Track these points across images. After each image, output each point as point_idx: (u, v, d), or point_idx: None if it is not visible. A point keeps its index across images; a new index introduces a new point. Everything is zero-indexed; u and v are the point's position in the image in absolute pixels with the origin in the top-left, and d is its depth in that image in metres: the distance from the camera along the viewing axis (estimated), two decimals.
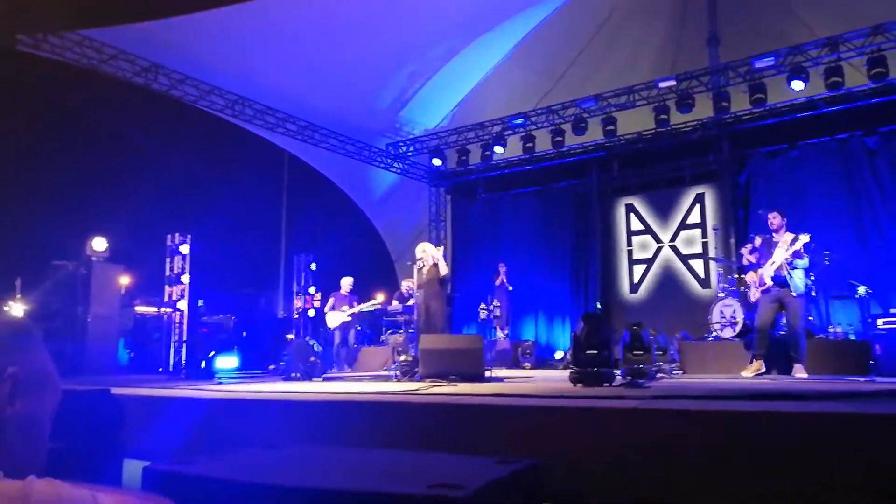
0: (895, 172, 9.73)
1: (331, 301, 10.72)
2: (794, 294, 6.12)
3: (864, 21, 9.13)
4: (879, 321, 6.70)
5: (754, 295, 6.46)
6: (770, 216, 6.56)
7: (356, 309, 10.42)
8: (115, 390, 4.17)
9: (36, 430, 1.04)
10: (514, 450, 2.87)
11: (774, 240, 6.41)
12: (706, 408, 2.84)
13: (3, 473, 0.90)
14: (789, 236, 6.30)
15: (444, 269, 6.93)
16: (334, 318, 10.47)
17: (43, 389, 1.06)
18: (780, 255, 6.20)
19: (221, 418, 4.14)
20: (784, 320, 6.62)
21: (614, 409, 2.92)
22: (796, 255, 6.21)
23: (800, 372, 5.94)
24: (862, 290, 7.85)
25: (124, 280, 14.08)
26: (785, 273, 6.14)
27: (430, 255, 6.99)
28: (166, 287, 11.37)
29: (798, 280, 6.17)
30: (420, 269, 6.97)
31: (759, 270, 6.40)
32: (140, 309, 12.94)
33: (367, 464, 2.42)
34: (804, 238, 6.20)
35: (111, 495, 0.95)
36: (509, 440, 2.96)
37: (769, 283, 6.23)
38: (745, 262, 6.95)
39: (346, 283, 10.73)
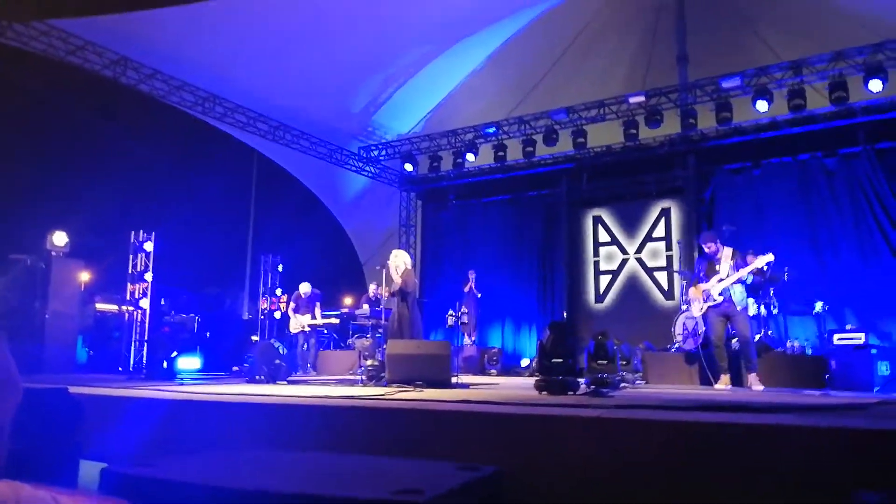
0: (852, 193, 10.06)
1: (292, 304, 10.67)
2: (738, 308, 6.34)
3: (827, 46, 9.45)
4: (835, 337, 6.92)
5: (699, 309, 6.61)
6: (706, 245, 6.74)
7: (313, 322, 10.45)
8: (73, 389, 4.07)
9: None
10: (477, 457, 2.89)
11: (717, 257, 6.58)
12: (666, 418, 2.90)
13: None
14: (729, 251, 6.50)
15: (405, 284, 6.92)
16: (295, 325, 10.45)
17: (4, 391, 1.04)
18: (727, 270, 6.38)
19: (182, 420, 4.07)
20: (734, 335, 6.80)
21: (576, 418, 2.96)
22: (755, 273, 6.43)
23: (755, 382, 6.10)
24: (819, 306, 8.09)
25: (84, 276, 13.74)
26: (729, 288, 6.33)
27: (403, 265, 7.00)
28: (128, 284, 11.12)
29: (739, 294, 6.39)
30: (391, 276, 6.98)
31: (702, 286, 6.56)
32: (101, 306, 12.63)
33: (330, 468, 2.42)
34: (768, 257, 6.39)
35: (71, 498, 0.95)
36: (472, 447, 2.98)
37: (718, 298, 6.39)
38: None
39: (305, 287, 10.70)
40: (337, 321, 11.32)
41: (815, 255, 10.08)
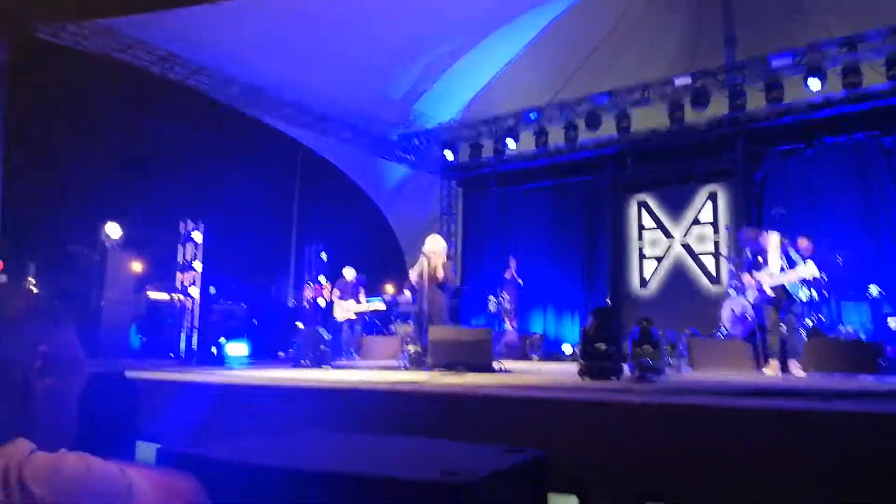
0: None
1: (336, 291, 10.77)
2: (789, 294, 6.20)
3: (883, 21, 9.04)
4: (890, 321, 6.68)
5: (753, 296, 6.51)
6: (747, 243, 6.59)
7: (359, 308, 10.49)
8: (129, 373, 4.24)
9: (65, 406, 1.09)
10: (520, 441, 2.90)
11: (764, 247, 6.43)
12: (711, 403, 2.86)
13: (36, 446, 0.95)
14: (775, 237, 6.35)
15: (440, 275, 6.95)
16: (340, 313, 10.56)
17: (71, 369, 1.11)
18: (776, 261, 6.24)
19: (233, 403, 4.20)
20: (783, 318, 6.65)
21: (620, 403, 2.95)
22: (791, 263, 6.28)
23: (796, 368, 6.00)
24: (874, 290, 7.81)
25: (137, 266, 14.21)
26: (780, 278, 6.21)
27: (440, 257, 7.04)
28: (178, 273, 11.47)
29: (793, 286, 6.25)
30: (427, 262, 7.02)
31: (756, 275, 6.43)
32: (152, 295, 13.04)
33: (379, 449, 2.47)
34: (810, 269, 6.22)
35: (138, 470, 1.00)
36: (515, 431, 2.99)
37: (770, 293, 6.29)
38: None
39: (349, 273, 10.73)
40: (383, 307, 11.36)
41: (870, 238, 9.70)
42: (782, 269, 6.24)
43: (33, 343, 1.04)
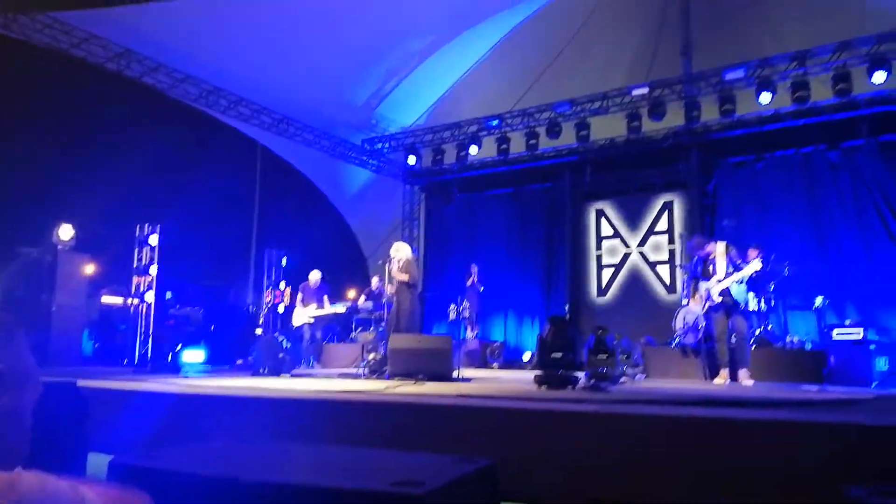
0: (855, 187, 10.03)
1: (299, 295, 10.52)
2: (737, 304, 6.40)
3: (833, 36, 9.40)
4: (834, 332, 6.94)
5: (701, 307, 6.67)
6: (696, 253, 6.83)
7: (319, 313, 10.21)
8: (80, 382, 4.14)
9: (19, 423, 1.08)
10: (475, 450, 2.95)
11: (711, 256, 6.64)
12: (661, 413, 2.95)
13: None
14: (721, 246, 6.56)
15: (405, 277, 6.94)
16: (299, 318, 10.34)
17: (25, 384, 1.10)
18: (723, 268, 6.44)
19: (188, 413, 4.14)
20: (733, 332, 6.87)
21: (574, 413, 3.02)
22: (736, 268, 6.50)
23: (745, 377, 6.18)
24: (819, 300, 8.11)
25: (90, 269, 13.83)
26: (730, 287, 6.39)
27: (405, 257, 7.03)
28: (134, 277, 11.22)
29: (739, 293, 6.46)
30: (392, 268, 7.02)
31: (703, 284, 6.62)
32: (106, 299, 12.75)
33: (332, 460, 2.48)
34: (754, 266, 6.44)
35: (92, 488, 1.01)
36: (471, 441, 3.04)
37: (718, 299, 6.46)
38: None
39: (315, 276, 10.47)
40: (343, 310, 11.15)
41: (817, 249, 10.07)
42: (727, 275, 6.44)
43: None
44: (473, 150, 12.26)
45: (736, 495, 2.53)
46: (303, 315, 10.22)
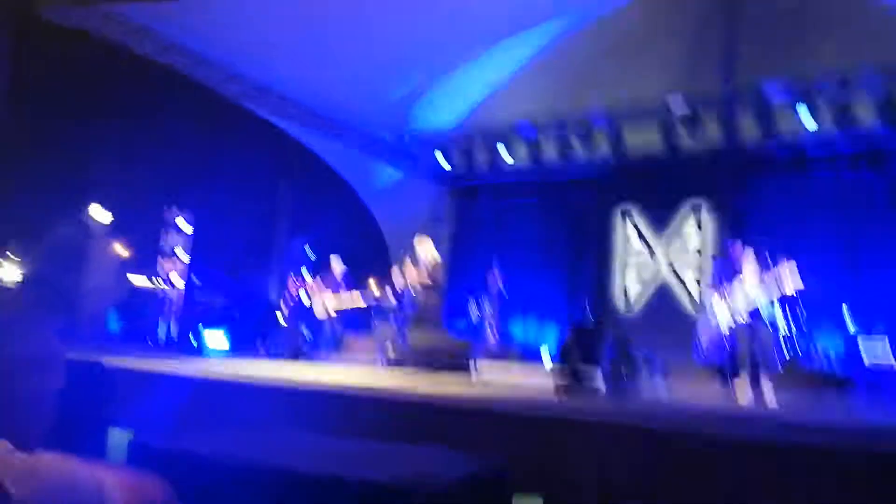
0: (890, 208, 9.82)
1: (320, 284, 10.38)
2: (762, 319, 6.25)
3: (877, 59, 9.20)
4: (864, 356, 6.79)
5: (724, 321, 6.50)
6: (733, 247, 6.69)
7: (338, 304, 9.96)
8: (107, 361, 4.22)
9: (43, 405, 1.10)
10: (487, 452, 2.94)
11: (736, 267, 6.50)
12: (678, 430, 2.91)
13: (13, 445, 0.96)
14: (750, 251, 6.42)
15: (438, 277, 6.98)
16: (320, 308, 10.10)
17: (49, 366, 1.12)
18: (750, 276, 6.29)
19: (209, 397, 4.20)
20: (756, 345, 6.71)
21: (587, 423, 2.99)
22: (776, 282, 6.33)
23: (769, 392, 6.02)
24: (849, 322, 7.94)
25: (120, 250, 14.11)
26: (755, 300, 6.24)
27: (431, 256, 7.05)
28: (161, 260, 11.41)
29: (765, 307, 6.31)
30: (418, 265, 7.04)
31: (727, 299, 6.46)
32: (134, 280, 12.97)
33: (350, 452, 2.49)
34: (791, 266, 6.27)
35: (112, 473, 1.02)
36: (486, 443, 3.03)
37: (744, 314, 6.29)
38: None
39: (337, 264, 10.20)
40: (363, 304, 10.98)
41: (849, 269, 9.87)
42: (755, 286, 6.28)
43: (12, 341, 1.05)
44: (505, 155, 12.22)
45: None
46: (324, 306, 10.14)
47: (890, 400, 5.95)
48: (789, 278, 6.23)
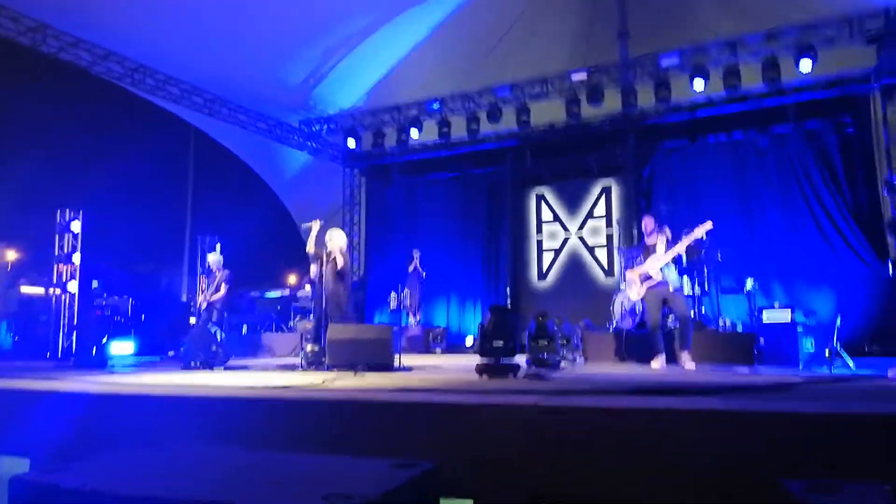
0: (781, 171, 10.40)
1: (201, 280, 9.60)
2: (671, 289, 6.49)
3: (763, 24, 9.64)
4: (764, 314, 7.18)
5: (636, 293, 6.69)
6: (644, 219, 6.93)
7: (209, 298, 8.84)
8: None
9: None
10: (416, 447, 2.86)
11: (649, 243, 6.72)
12: (600, 405, 2.93)
13: None
14: (663, 236, 6.64)
15: (340, 263, 6.78)
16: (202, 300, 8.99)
17: None
18: (662, 250, 6.51)
19: (108, 414, 3.89)
20: (670, 314, 6.98)
21: (515, 406, 2.96)
22: (691, 250, 6.58)
23: (687, 360, 6.27)
24: (749, 283, 8.37)
25: (9, 257, 13.03)
26: (664, 269, 6.47)
27: (337, 246, 6.84)
28: (56, 266, 10.61)
29: (674, 275, 6.57)
30: (326, 256, 6.82)
31: (638, 269, 6.66)
32: (26, 289, 12.00)
33: (259, 469, 2.33)
34: (706, 226, 6.51)
35: None
36: (410, 439, 2.94)
37: (658, 276, 6.48)
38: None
39: (212, 257, 9.26)
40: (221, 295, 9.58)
41: (747, 233, 10.40)
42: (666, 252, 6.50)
43: None
44: (414, 133, 12.09)
45: (676, 491, 2.52)
46: (202, 301, 8.99)
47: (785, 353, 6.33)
48: (699, 238, 6.45)
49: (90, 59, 9.76)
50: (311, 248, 7.21)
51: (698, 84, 9.91)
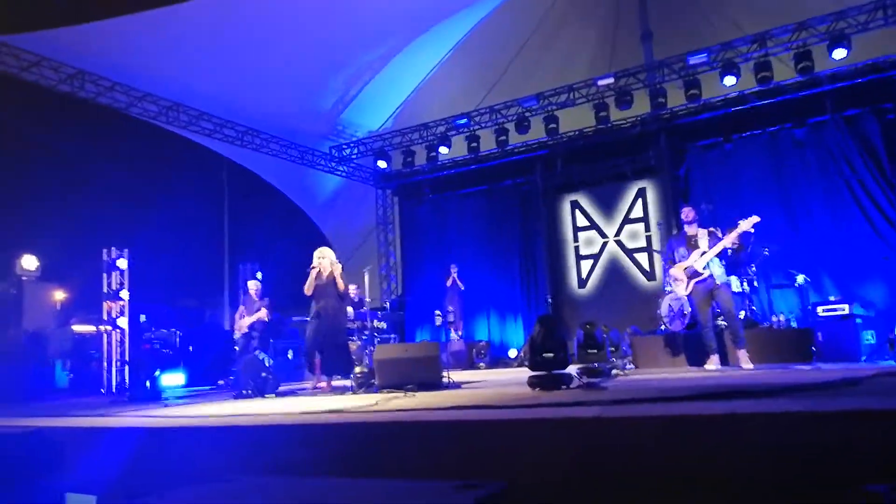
0: (821, 163, 10.12)
1: (241, 309, 9.87)
2: (718, 283, 6.33)
3: (791, 17, 9.46)
4: (819, 308, 6.96)
5: (684, 288, 6.54)
6: (684, 210, 6.80)
7: (248, 320, 9.30)
8: (49, 422, 3.92)
9: None
10: (477, 468, 2.82)
11: (690, 233, 6.58)
12: (665, 413, 2.85)
13: None
14: (704, 231, 6.50)
15: (342, 286, 6.94)
16: (237, 331, 9.47)
17: None
18: (706, 245, 6.37)
19: (168, 447, 3.95)
20: (718, 311, 6.81)
21: (576, 419, 2.90)
22: (736, 245, 6.42)
23: (744, 359, 6.07)
24: (801, 278, 8.13)
25: (59, 298, 13.41)
26: (709, 265, 6.31)
27: (330, 264, 6.96)
28: (105, 303, 10.87)
29: (720, 270, 6.39)
30: (319, 275, 6.93)
31: (683, 263, 6.51)
32: (78, 328, 12.31)
33: (321, 496, 2.33)
34: (753, 219, 6.35)
35: None
36: (470, 457, 2.90)
37: (704, 273, 6.34)
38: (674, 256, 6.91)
39: (252, 285, 9.57)
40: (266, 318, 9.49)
41: (791, 226, 10.11)
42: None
43: None
44: (443, 149, 12.15)
45: (747, 496, 2.44)
46: (239, 328, 9.42)
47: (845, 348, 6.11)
48: (746, 231, 6.29)
49: (127, 100, 10.08)
50: (309, 291, 7.15)
51: (729, 80, 9.75)
